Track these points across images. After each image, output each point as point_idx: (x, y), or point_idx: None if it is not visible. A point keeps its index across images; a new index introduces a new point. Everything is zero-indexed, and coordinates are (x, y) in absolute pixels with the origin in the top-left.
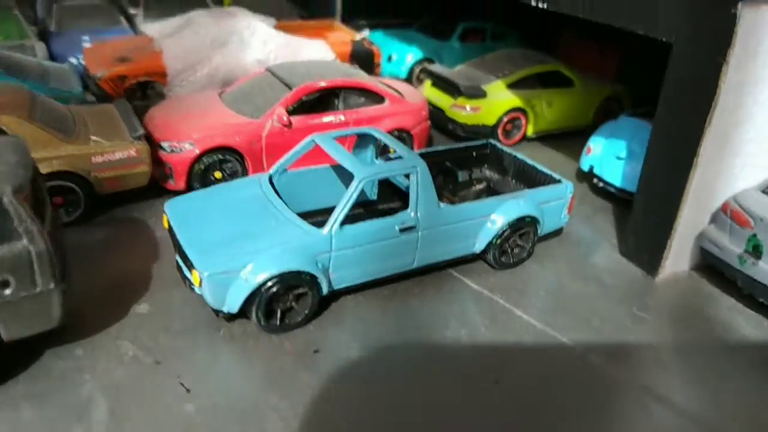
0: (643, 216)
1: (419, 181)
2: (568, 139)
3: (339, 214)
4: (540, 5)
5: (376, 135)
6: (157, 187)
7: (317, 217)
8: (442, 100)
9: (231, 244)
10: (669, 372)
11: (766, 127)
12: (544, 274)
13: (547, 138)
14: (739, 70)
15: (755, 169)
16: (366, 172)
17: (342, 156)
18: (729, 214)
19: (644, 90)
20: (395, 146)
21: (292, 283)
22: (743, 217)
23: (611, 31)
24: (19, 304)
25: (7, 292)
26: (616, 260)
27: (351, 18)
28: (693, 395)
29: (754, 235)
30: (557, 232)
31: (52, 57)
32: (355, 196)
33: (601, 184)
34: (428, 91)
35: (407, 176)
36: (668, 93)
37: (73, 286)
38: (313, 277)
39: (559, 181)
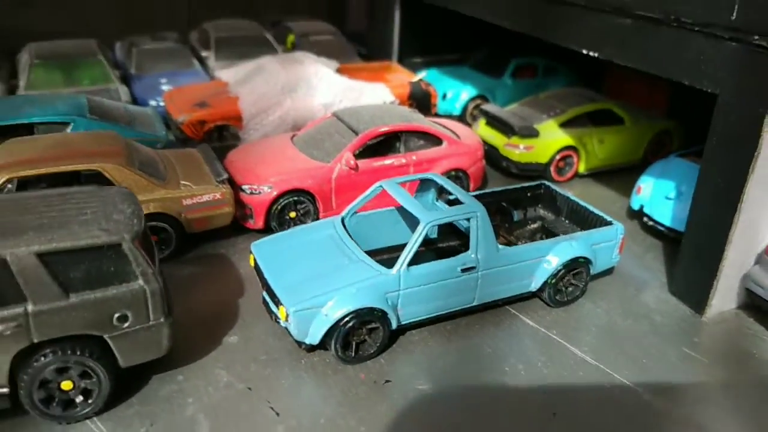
0: (690, 256)
1: (479, 225)
2: (620, 175)
3: (407, 256)
4: (591, 54)
5: (437, 180)
6: (237, 226)
7: (384, 254)
8: (496, 138)
9: (312, 283)
10: (720, 410)
11: None
12: (597, 312)
13: (599, 174)
14: None
15: None
16: (430, 217)
17: (407, 201)
18: None
19: (694, 123)
20: (455, 192)
21: (366, 318)
22: None
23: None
24: (134, 335)
25: (126, 324)
26: (665, 299)
27: (407, 55)
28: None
29: None
30: (609, 271)
31: (134, 100)
32: (420, 239)
33: (650, 223)
34: (483, 129)
35: (467, 219)
36: (713, 141)
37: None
38: (384, 313)
39: (610, 223)
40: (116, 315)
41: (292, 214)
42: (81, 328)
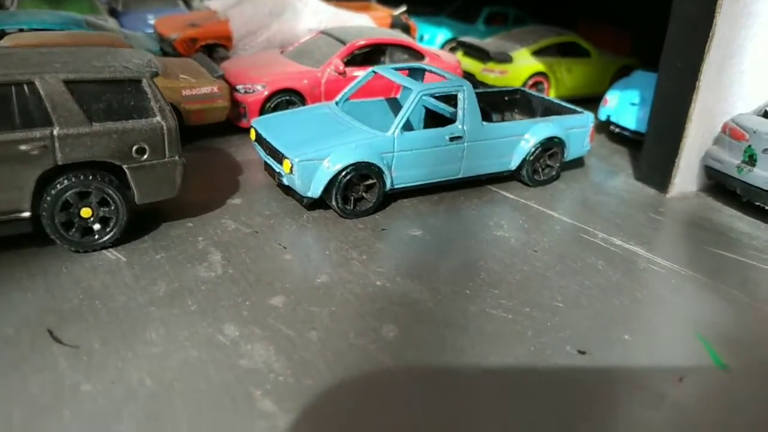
0: (653, 141)
1: (466, 98)
2: (588, 104)
3: (400, 120)
4: None
5: (426, 68)
6: (231, 126)
7: None
8: (472, 66)
9: (313, 141)
10: (681, 251)
11: (758, 60)
12: (570, 190)
13: (568, 102)
14: (732, 3)
15: (750, 98)
16: (422, 86)
17: (400, 78)
18: (727, 132)
19: (655, 65)
20: (443, 74)
21: (364, 172)
22: (739, 132)
23: (624, 16)
24: (151, 170)
25: (144, 157)
26: (632, 184)
27: (384, 4)
28: (688, 257)
29: (749, 146)
30: (579, 164)
31: None
32: (413, 106)
33: (617, 130)
34: (460, 59)
35: (451, 101)
36: (673, 30)
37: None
38: (380, 170)
39: (581, 112)
40: (135, 146)
41: None
42: (102, 156)
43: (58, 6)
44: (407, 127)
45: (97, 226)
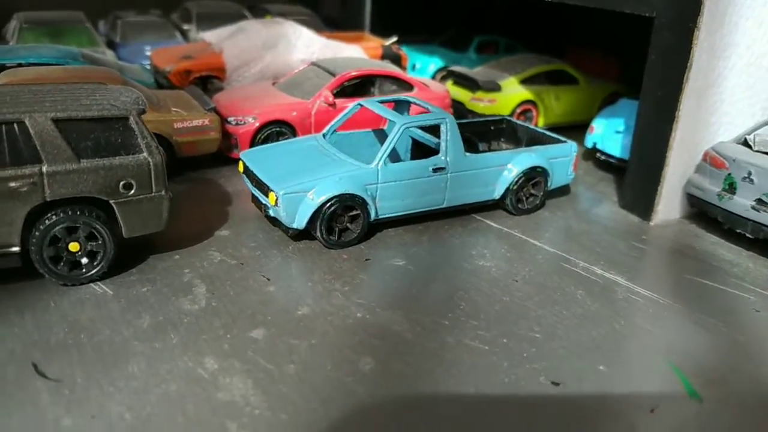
0: (636, 169)
1: (449, 130)
2: (577, 130)
3: (384, 152)
4: None
5: (411, 100)
6: (223, 157)
7: None
8: (462, 94)
9: (298, 173)
10: (659, 279)
11: (738, 89)
12: (554, 218)
13: (557, 129)
14: (710, 35)
15: (731, 127)
16: (405, 119)
17: (385, 112)
18: (708, 161)
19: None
20: (427, 106)
21: (348, 203)
22: (719, 160)
23: (612, 42)
24: (138, 204)
25: (130, 192)
26: (616, 211)
27: (378, 35)
28: (668, 286)
29: (729, 174)
30: (564, 192)
31: None
32: (396, 138)
33: (603, 158)
34: (450, 88)
35: (437, 134)
36: (652, 60)
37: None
38: (364, 201)
39: (565, 142)
40: (122, 182)
41: None
42: (90, 191)
43: (57, 38)
44: (394, 157)
45: (84, 260)
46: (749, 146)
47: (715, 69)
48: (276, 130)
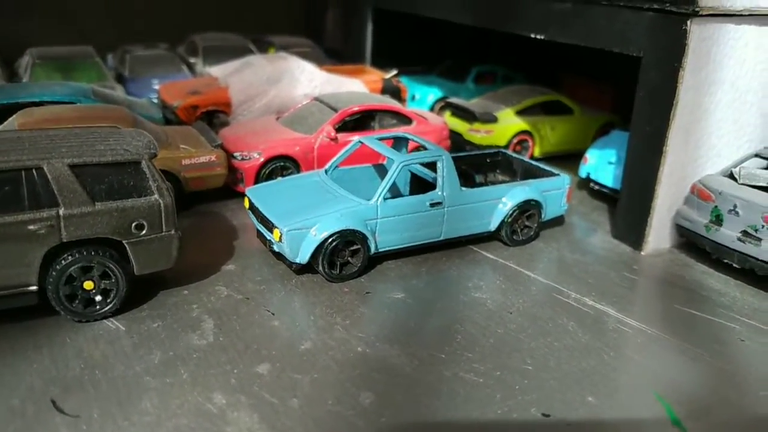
0: (628, 201)
1: (445, 166)
2: (572, 159)
3: (383, 189)
4: (537, 36)
5: (408, 137)
6: (229, 191)
7: None
8: (459, 126)
9: (301, 210)
10: (649, 309)
11: (724, 123)
12: (548, 249)
13: (553, 159)
14: (694, 73)
15: (719, 159)
16: (403, 157)
17: (383, 149)
18: (696, 193)
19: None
20: (424, 143)
21: (349, 238)
22: (706, 193)
23: (607, 72)
24: (149, 244)
25: (142, 233)
26: (609, 241)
27: (379, 67)
28: (657, 316)
29: (716, 207)
30: (559, 222)
31: None
32: (395, 176)
33: (596, 187)
34: (448, 120)
35: (434, 168)
36: (640, 97)
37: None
38: (364, 236)
39: (558, 175)
40: (134, 223)
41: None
42: (104, 232)
43: (68, 73)
44: (394, 191)
45: (98, 298)
46: (735, 179)
47: (701, 105)
48: (280, 164)
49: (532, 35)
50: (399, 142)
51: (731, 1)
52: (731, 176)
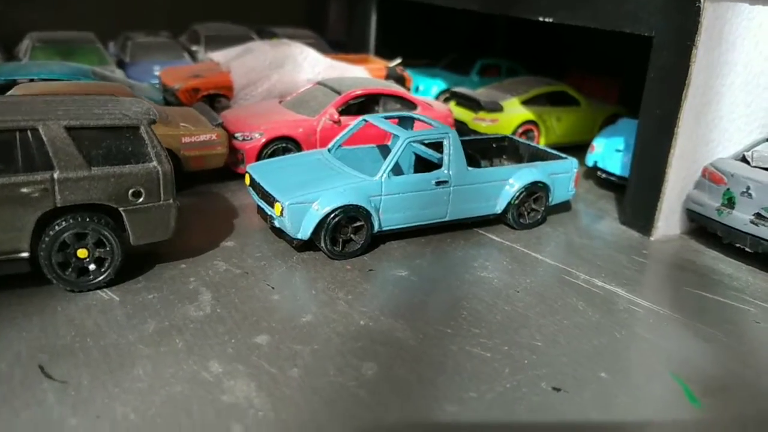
0: (637, 186)
1: (451, 144)
2: (578, 151)
3: (388, 165)
4: (546, 20)
5: (415, 116)
6: (229, 172)
7: None
8: (464, 115)
9: (303, 185)
10: (660, 291)
11: (736, 107)
12: (556, 233)
13: (558, 149)
14: (707, 53)
15: (729, 143)
16: (408, 133)
17: (389, 126)
18: (707, 176)
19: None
20: (431, 122)
21: (352, 214)
22: (718, 175)
23: (613, 65)
24: (146, 212)
25: (139, 200)
26: (617, 227)
27: (383, 59)
28: (668, 298)
29: (728, 189)
30: (567, 207)
31: None
32: (400, 152)
33: (603, 176)
34: (453, 109)
35: (440, 149)
36: (651, 78)
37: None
38: (368, 212)
39: (566, 158)
40: (131, 190)
41: None
42: (99, 198)
43: (68, 57)
44: (397, 171)
45: (92, 267)
46: (747, 162)
47: (713, 87)
48: (282, 146)
49: (540, 19)
50: (405, 123)
51: None
52: (743, 159)
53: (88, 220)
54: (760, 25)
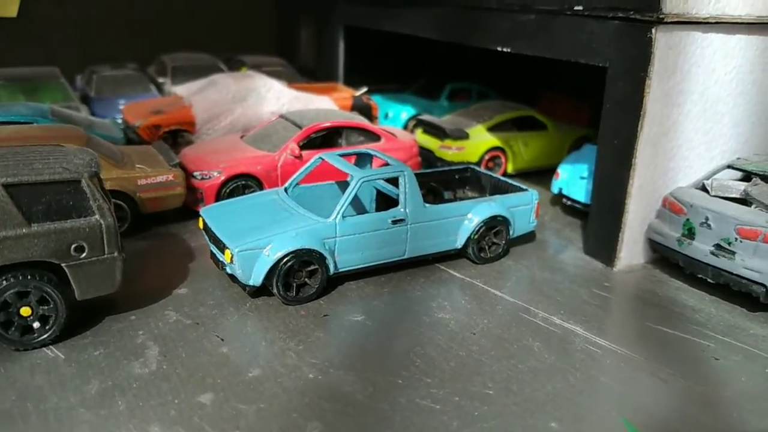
0: (598, 216)
1: (407, 182)
2: (546, 175)
3: (341, 206)
4: (504, 49)
5: (372, 153)
6: (188, 211)
7: None
8: (431, 143)
9: (254, 229)
10: (619, 328)
11: (695, 134)
12: (518, 267)
13: (526, 175)
14: (662, 83)
15: (690, 171)
16: (363, 173)
17: (344, 166)
18: (667, 206)
19: None
20: (387, 159)
21: (305, 258)
22: (677, 205)
23: (583, 87)
24: (90, 267)
25: (82, 255)
26: (580, 258)
27: (352, 85)
28: (627, 335)
29: (688, 220)
30: (530, 239)
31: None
32: (354, 192)
33: (569, 203)
34: (420, 137)
35: (397, 184)
36: (608, 109)
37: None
38: (322, 256)
39: (526, 190)
40: (73, 245)
41: None
42: (41, 255)
43: (32, 94)
44: (359, 208)
45: (36, 325)
46: (707, 191)
47: (669, 116)
48: (242, 183)
49: (498, 48)
50: (363, 159)
51: (697, 8)
52: (703, 188)
53: (29, 277)
54: (715, 52)
